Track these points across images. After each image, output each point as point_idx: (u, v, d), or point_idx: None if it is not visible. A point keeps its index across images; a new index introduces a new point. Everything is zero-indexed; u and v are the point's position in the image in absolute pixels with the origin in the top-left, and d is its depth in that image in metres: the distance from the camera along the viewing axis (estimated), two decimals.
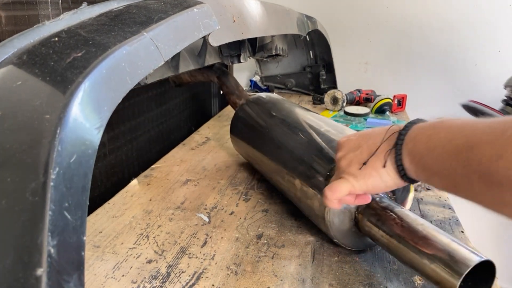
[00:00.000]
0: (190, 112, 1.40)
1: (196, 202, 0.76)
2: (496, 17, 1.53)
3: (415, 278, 0.55)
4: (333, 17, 1.68)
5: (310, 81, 1.65)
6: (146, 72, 0.40)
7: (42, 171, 0.27)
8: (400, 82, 1.68)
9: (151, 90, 1.11)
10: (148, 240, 0.64)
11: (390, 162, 0.44)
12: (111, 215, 0.71)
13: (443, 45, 1.61)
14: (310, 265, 0.58)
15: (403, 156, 0.43)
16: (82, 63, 0.34)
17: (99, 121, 0.32)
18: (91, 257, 0.59)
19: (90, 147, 0.31)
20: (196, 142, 1.13)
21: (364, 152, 0.47)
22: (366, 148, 0.47)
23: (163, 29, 0.43)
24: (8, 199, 0.26)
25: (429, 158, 0.40)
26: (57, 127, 0.29)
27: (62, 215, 0.26)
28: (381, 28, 1.66)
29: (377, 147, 0.46)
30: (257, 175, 0.89)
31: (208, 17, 0.52)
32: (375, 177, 0.46)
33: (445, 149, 0.38)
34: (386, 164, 0.45)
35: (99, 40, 0.38)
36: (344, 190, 0.48)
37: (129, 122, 1.01)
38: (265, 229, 0.67)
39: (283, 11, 0.99)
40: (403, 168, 0.43)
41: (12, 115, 0.31)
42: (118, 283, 0.54)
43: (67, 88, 0.32)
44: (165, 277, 0.55)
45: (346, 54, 1.71)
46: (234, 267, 0.57)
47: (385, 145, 0.45)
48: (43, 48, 0.38)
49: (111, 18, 0.44)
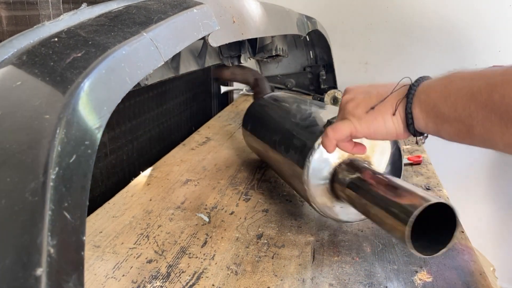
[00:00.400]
0: (190, 112, 1.40)
1: (196, 202, 0.76)
2: (496, 17, 1.53)
3: (415, 278, 0.55)
4: (333, 17, 1.68)
5: (310, 81, 1.65)
6: (146, 73, 0.40)
7: (41, 171, 0.27)
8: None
9: (151, 90, 1.11)
10: (148, 240, 0.64)
11: (400, 109, 0.45)
12: (111, 215, 0.71)
13: (443, 45, 1.60)
14: (310, 265, 0.58)
15: (414, 105, 0.44)
16: (81, 64, 0.34)
17: (99, 121, 0.32)
18: (91, 257, 0.59)
19: (90, 147, 0.31)
20: (196, 142, 1.13)
21: (373, 97, 0.48)
22: (375, 94, 0.48)
23: (163, 29, 0.43)
24: (8, 199, 0.26)
25: (443, 105, 0.40)
26: (57, 127, 0.29)
27: (62, 215, 0.26)
28: (381, 28, 1.66)
29: (388, 95, 0.46)
30: (257, 175, 0.89)
31: (208, 18, 0.52)
32: (379, 122, 0.46)
33: (462, 93, 0.38)
34: (397, 111, 0.45)
35: (98, 40, 0.38)
36: (346, 130, 0.49)
37: (129, 122, 1.01)
38: (265, 229, 0.67)
39: (283, 11, 0.99)
40: (411, 117, 0.44)
41: (11, 115, 0.31)
42: (118, 283, 0.54)
43: (67, 88, 0.32)
44: (165, 277, 0.55)
45: (346, 54, 1.71)
46: (234, 267, 0.57)
47: (395, 94, 0.46)
48: (42, 49, 0.38)
49: (111, 18, 0.44)
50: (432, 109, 0.42)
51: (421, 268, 0.57)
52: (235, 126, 1.28)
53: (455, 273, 0.56)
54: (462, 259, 0.60)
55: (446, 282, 0.54)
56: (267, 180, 0.86)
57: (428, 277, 0.56)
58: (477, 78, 0.38)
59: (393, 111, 0.45)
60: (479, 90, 0.37)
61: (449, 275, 0.56)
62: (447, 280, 0.55)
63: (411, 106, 0.44)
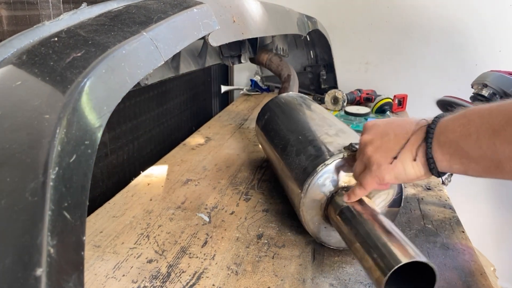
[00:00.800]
0: (190, 112, 1.40)
1: (197, 202, 0.76)
2: (497, 17, 1.52)
3: None
4: (334, 17, 1.68)
5: (311, 81, 1.65)
6: (146, 72, 0.40)
7: (41, 171, 0.27)
8: (400, 82, 1.68)
9: (152, 90, 1.11)
10: (148, 240, 0.64)
11: (420, 155, 0.45)
12: (111, 215, 0.71)
13: (444, 45, 1.60)
14: (310, 265, 0.58)
15: (434, 149, 0.44)
16: (81, 63, 0.34)
17: (99, 121, 0.32)
18: (91, 257, 0.59)
19: (90, 147, 0.31)
20: (196, 142, 1.13)
21: (391, 141, 0.48)
22: (393, 137, 0.48)
23: (163, 29, 0.43)
24: (8, 199, 0.26)
25: (466, 144, 0.40)
26: (57, 127, 0.29)
27: (62, 215, 0.26)
28: (382, 28, 1.66)
29: (406, 140, 0.46)
30: (257, 175, 0.89)
31: (208, 17, 0.52)
32: (399, 168, 0.47)
33: (483, 131, 0.38)
34: (417, 157, 0.45)
35: (98, 40, 0.38)
36: (373, 185, 0.50)
37: (130, 122, 1.01)
38: (265, 229, 0.67)
39: (283, 11, 0.99)
40: (433, 161, 0.44)
41: (11, 115, 0.31)
42: (119, 283, 0.54)
43: (67, 88, 0.32)
44: (166, 277, 0.55)
45: (347, 54, 1.71)
46: (235, 267, 0.57)
47: (415, 138, 0.46)
48: (42, 48, 0.38)
49: (111, 18, 0.44)
50: (456, 151, 0.42)
51: None
52: (235, 126, 1.28)
53: (456, 273, 0.56)
54: (462, 259, 0.59)
55: (447, 282, 0.54)
56: (268, 180, 0.86)
57: None
58: (495, 114, 0.38)
59: (414, 157, 0.45)
60: (501, 126, 0.37)
61: (449, 275, 0.56)
62: (448, 280, 0.55)
63: (431, 150, 0.44)
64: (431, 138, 0.44)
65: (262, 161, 0.97)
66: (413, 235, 0.66)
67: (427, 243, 0.64)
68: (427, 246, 0.63)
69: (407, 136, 0.46)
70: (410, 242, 0.45)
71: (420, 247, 0.62)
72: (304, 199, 0.59)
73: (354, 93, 1.48)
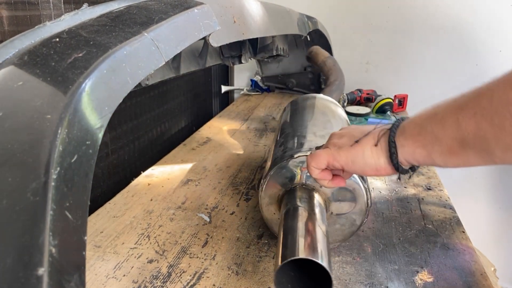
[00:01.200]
0: (191, 112, 1.40)
1: (197, 202, 0.76)
2: (497, 17, 1.52)
3: (416, 278, 0.55)
4: (334, 17, 1.68)
5: (311, 81, 1.65)
6: (147, 73, 0.40)
7: (43, 171, 0.27)
8: (401, 82, 1.68)
9: (152, 90, 1.11)
10: (149, 240, 0.64)
11: (382, 139, 0.45)
12: (112, 215, 0.71)
13: (444, 45, 1.60)
14: None
15: (397, 135, 0.44)
16: (83, 64, 0.34)
17: (100, 121, 0.32)
18: (92, 257, 0.59)
19: (91, 147, 0.31)
20: (197, 142, 1.13)
21: (356, 130, 0.49)
22: (361, 130, 0.49)
23: (164, 29, 0.43)
24: (9, 199, 0.26)
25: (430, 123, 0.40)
26: (58, 127, 0.29)
27: (63, 215, 0.27)
28: (382, 28, 1.66)
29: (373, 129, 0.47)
30: (258, 175, 0.89)
31: (209, 18, 0.52)
32: (358, 152, 0.46)
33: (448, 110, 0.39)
34: (379, 142, 0.45)
35: (100, 40, 0.38)
36: (323, 158, 0.49)
37: (131, 122, 1.01)
38: (265, 229, 0.67)
39: (284, 11, 0.99)
40: (394, 145, 0.43)
41: (13, 115, 0.31)
42: (119, 283, 0.54)
43: (68, 88, 0.32)
44: (166, 277, 0.55)
45: (347, 54, 1.71)
46: (235, 267, 0.57)
47: (380, 128, 0.46)
48: (44, 49, 0.38)
49: (112, 18, 0.44)
50: (420, 133, 0.41)
51: (422, 268, 0.57)
52: (235, 126, 1.28)
53: (456, 273, 0.56)
54: (463, 259, 0.60)
55: (447, 282, 0.55)
56: None
57: (429, 277, 0.56)
58: (462, 95, 0.38)
59: (375, 142, 0.45)
60: (465, 103, 0.37)
61: (450, 275, 0.56)
62: (448, 280, 0.55)
63: (394, 135, 0.43)
64: (396, 126, 0.44)
65: (263, 161, 0.97)
66: (414, 235, 0.66)
67: (427, 243, 0.64)
68: (427, 246, 0.63)
69: (372, 128, 0.47)
70: (326, 247, 0.47)
71: (421, 247, 0.62)
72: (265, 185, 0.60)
73: (355, 93, 1.48)
